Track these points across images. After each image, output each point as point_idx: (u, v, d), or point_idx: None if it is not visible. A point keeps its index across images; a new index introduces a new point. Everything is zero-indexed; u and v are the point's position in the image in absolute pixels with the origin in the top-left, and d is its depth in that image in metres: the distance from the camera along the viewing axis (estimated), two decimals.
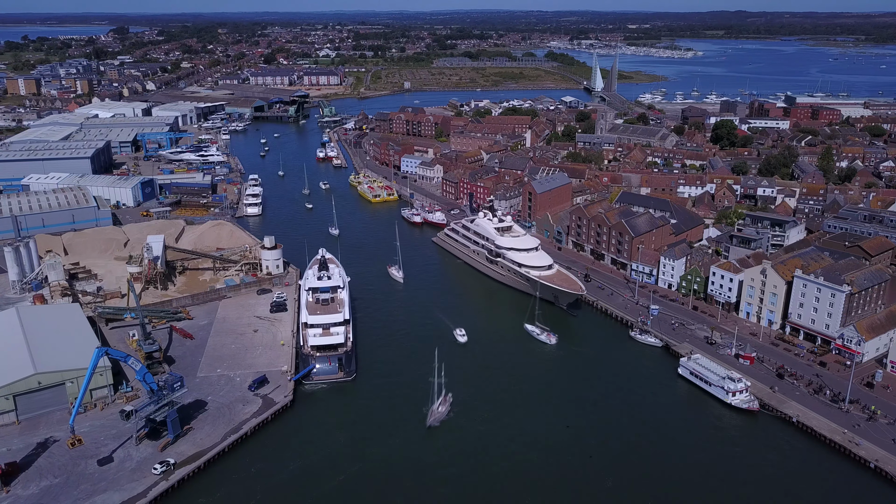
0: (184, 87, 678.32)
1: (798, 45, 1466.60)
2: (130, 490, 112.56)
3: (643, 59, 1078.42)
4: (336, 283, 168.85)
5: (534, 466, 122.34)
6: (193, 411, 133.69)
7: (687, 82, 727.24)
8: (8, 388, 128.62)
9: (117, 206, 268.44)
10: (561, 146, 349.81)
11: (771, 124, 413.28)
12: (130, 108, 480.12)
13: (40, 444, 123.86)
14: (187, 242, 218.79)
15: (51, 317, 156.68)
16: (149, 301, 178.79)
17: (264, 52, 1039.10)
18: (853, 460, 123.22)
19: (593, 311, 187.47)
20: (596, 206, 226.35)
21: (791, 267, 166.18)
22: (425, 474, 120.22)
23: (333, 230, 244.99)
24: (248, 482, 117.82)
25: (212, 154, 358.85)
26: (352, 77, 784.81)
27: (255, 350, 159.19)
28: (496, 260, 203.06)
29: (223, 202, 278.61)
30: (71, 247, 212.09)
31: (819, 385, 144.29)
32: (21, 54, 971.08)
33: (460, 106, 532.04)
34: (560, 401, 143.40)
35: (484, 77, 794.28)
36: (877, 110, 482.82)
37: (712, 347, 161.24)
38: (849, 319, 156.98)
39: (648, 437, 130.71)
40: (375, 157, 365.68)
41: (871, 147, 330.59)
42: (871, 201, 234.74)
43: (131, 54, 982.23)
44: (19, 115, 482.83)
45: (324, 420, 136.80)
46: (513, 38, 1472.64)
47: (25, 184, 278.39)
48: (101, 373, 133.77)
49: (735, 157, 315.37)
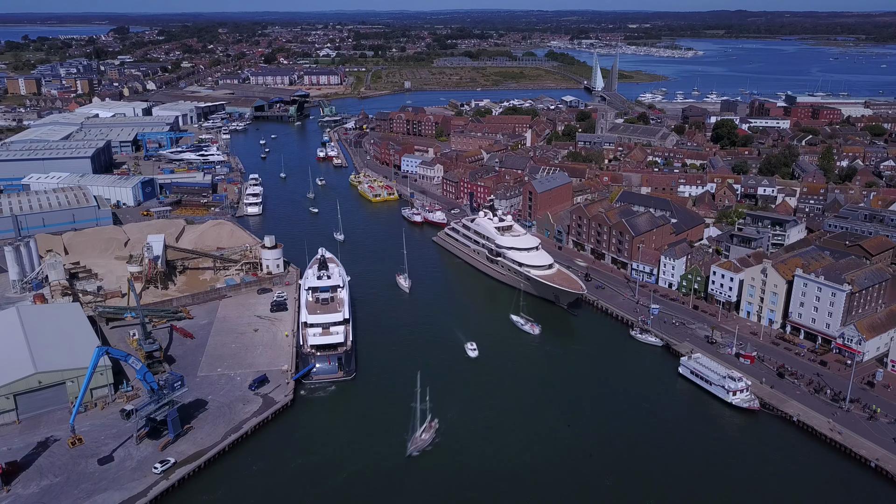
0: (184, 87, 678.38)
1: (798, 44, 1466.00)
2: (131, 489, 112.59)
3: (643, 59, 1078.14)
4: (336, 283, 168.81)
5: (534, 465, 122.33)
6: (194, 410, 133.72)
7: (687, 82, 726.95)
8: (8, 387, 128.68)
9: (118, 206, 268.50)
10: (561, 146, 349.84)
11: (771, 124, 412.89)
12: (131, 108, 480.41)
13: (41, 444, 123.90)
14: (188, 242, 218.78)
15: (51, 316, 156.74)
16: (149, 300, 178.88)
17: (265, 51, 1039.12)
18: (854, 459, 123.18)
19: (594, 310, 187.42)
20: (596, 206, 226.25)
21: (791, 266, 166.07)
22: (426, 472, 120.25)
23: (338, 235, 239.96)
24: (249, 481, 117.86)
25: (212, 154, 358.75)
26: (352, 77, 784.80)
27: (255, 349, 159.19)
28: (496, 259, 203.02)
29: (223, 202, 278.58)
30: (71, 246, 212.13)
31: (819, 384, 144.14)
32: (21, 54, 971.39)
33: (461, 105, 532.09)
34: (561, 400, 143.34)
35: (484, 77, 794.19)
36: (877, 109, 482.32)
37: (713, 347, 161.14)
38: (849, 319, 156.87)
39: (649, 437, 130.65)
40: (376, 157, 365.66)
41: (872, 146, 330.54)
42: (872, 200, 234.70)
43: (132, 54, 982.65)
44: (20, 115, 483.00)
45: (324, 419, 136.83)
46: (513, 37, 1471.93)
47: (26, 183, 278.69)
48: (101, 372, 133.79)
49: (735, 156, 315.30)
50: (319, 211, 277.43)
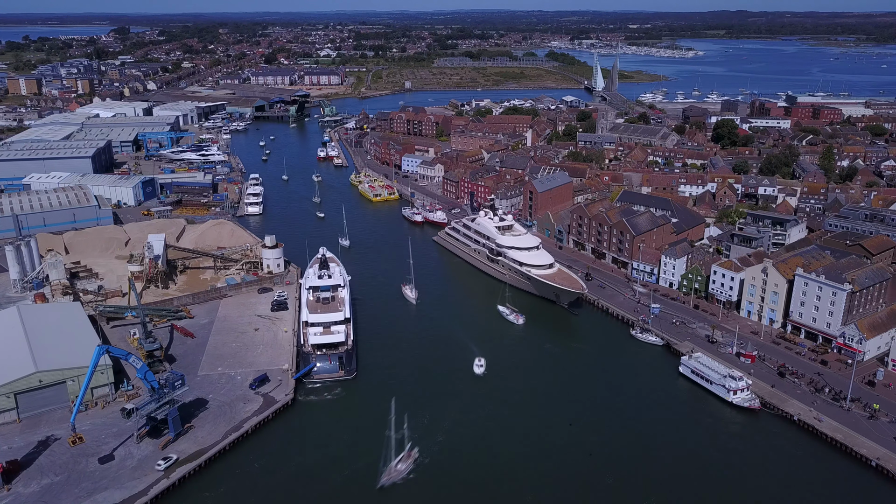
0: (185, 87, 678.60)
1: (799, 44, 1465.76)
2: (131, 488, 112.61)
3: (644, 59, 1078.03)
4: (337, 282, 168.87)
5: (534, 464, 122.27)
6: (194, 409, 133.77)
7: (688, 82, 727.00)
8: (9, 386, 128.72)
9: (118, 206, 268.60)
10: (562, 145, 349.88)
11: (772, 123, 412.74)
12: (131, 108, 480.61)
13: (41, 443, 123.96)
14: (188, 241, 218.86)
15: (52, 315, 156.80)
16: (150, 300, 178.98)
17: (265, 51, 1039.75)
18: (854, 459, 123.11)
19: (594, 309, 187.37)
20: (597, 205, 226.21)
21: (792, 266, 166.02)
22: (428, 473, 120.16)
23: (344, 241, 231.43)
24: (249, 480, 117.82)
25: (213, 153, 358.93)
26: (352, 77, 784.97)
27: (255, 349, 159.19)
28: (497, 259, 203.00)
29: (224, 201, 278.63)
30: (72, 246, 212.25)
31: (820, 384, 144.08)
32: (22, 54, 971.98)
33: (461, 105, 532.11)
34: (561, 399, 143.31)
35: (485, 77, 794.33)
36: (878, 109, 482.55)
37: (713, 346, 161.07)
38: (850, 318, 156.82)
39: (649, 436, 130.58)
40: (376, 157, 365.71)
41: (873, 146, 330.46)
42: (873, 200, 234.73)
43: (132, 54, 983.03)
44: (20, 115, 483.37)
45: (324, 418, 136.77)
46: (514, 37, 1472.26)
47: (27, 183, 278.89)
48: (102, 371, 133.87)
49: (736, 156, 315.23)
50: (326, 216, 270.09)
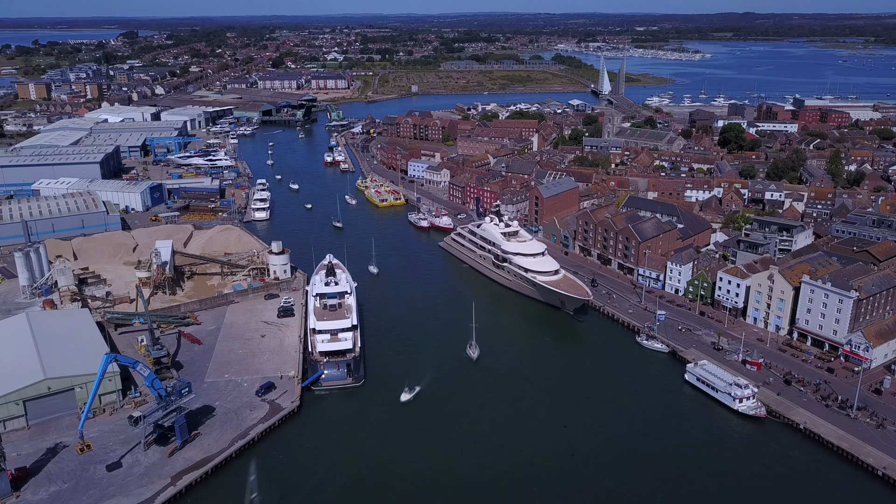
0: (192, 91, 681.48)
1: (807, 46, 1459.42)
2: (139, 495, 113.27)
3: (651, 62, 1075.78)
4: (343, 289, 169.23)
5: (539, 468, 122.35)
6: (201, 417, 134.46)
7: (695, 85, 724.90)
8: (18, 393, 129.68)
9: (126, 211, 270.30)
10: (568, 150, 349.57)
11: (779, 127, 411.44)
12: (139, 113, 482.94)
13: (50, 450, 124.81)
14: (195, 247, 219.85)
15: (60, 322, 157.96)
16: (157, 306, 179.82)
17: (272, 55, 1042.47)
18: (861, 468, 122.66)
19: (600, 316, 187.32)
20: (603, 211, 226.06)
21: (799, 272, 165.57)
22: (432, 478, 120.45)
23: (372, 268, 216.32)
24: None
25: (220, 158, 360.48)
26: (359, 80, 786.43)
27: (262, 355, 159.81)
28: (502, 265, 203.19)
29: (231, 207, 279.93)
30: (80, 252, 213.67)
31: (826, 392, 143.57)
32: (31, 59, 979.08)
33: (467, 109, 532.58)
34: (567, 405, 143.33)
35: (491, 80, 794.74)
36: (886, 113, 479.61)
37: (719, 353, 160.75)
38: (857, 325, 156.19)
39: (655, 443, 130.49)
40: (383, 162, 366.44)
41: (881, 150, 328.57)
42: (880, 205, 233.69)
43: (140, 58, 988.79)
44: (30, 120, 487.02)
45: (331, 425, 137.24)
46: (520, 40, 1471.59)
47: (35, 189, 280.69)
48: (109, 378, 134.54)
49: (743, 160, 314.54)
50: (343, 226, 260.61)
